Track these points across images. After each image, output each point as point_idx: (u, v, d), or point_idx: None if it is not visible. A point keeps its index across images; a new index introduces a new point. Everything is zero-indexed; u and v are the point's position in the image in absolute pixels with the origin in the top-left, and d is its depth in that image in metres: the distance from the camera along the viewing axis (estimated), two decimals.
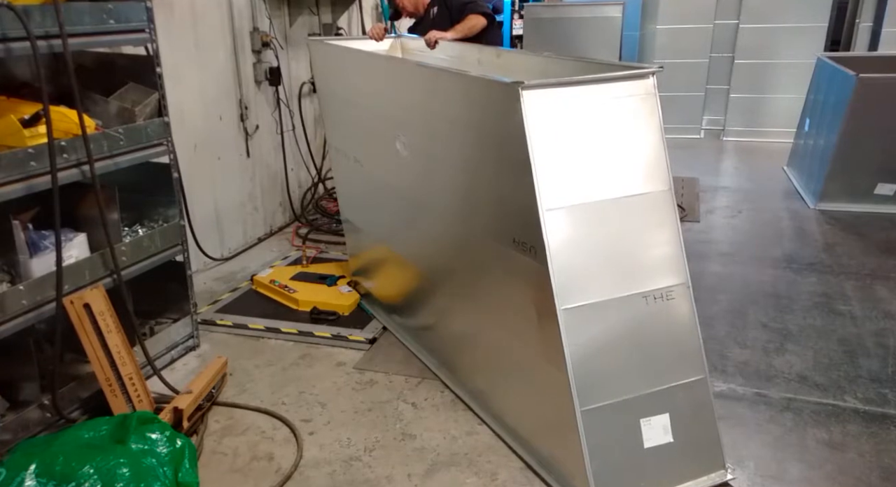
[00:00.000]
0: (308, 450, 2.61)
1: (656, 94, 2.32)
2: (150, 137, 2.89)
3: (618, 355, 2.30)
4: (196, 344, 3.35)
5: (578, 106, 2.26)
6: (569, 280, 2.24)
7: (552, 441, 2.44)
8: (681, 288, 2.36)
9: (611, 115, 2.30)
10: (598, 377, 2.27)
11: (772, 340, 3.39)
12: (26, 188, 2.41)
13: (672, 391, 2.35)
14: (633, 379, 2.32)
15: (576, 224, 2.27)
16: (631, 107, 2.31)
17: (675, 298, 2.35)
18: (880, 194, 5.16)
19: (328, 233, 4.91)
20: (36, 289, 2.48)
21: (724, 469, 2.40)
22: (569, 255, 2.25)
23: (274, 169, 4.93)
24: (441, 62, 3.74)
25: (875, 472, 2.47)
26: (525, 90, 2.15)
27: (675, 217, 2.36)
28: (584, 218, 2.28)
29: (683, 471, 2.38)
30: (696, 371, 2.38)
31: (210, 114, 4.21)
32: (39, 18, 2.37)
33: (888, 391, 2.95)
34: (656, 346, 2.35)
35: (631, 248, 2.33)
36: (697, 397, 2.38)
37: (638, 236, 2.34)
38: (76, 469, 2.07)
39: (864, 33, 7.33)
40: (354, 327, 3.51)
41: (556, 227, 2.23)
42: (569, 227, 2.25)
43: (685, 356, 2.38)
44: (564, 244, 2.24)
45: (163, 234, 3.05)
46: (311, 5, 5.11)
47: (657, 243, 2.35)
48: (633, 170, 2.33)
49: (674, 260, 2.35)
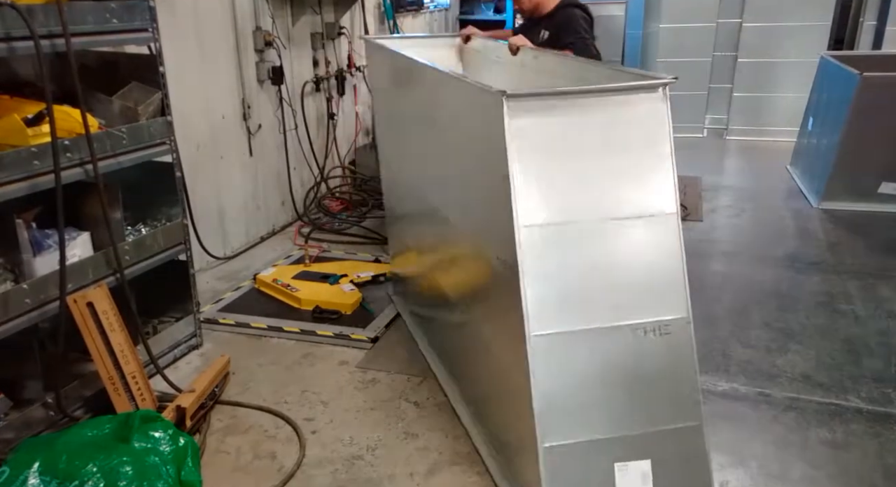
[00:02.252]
0: (310, 449, 2.62)
1: (667, 108, 2.12)
2: (152, 136, 2.90)
3: (596, 390, 2.11)
4: (199, 342, 3.35)
5: (572, 118, 2.11)
6: (544, 304, 2.06)
7: (522, 474, 2.25)
8: (679, 322, 2.12)
9: (610, 130, 2.13)
10: (568, 411, 2.09)
11: (775, 339, 3.38)
12: (30, 187, 2.41)
13: (657, 436, 2.13)
14: (610, 418, 2.11)
15: (558, 244, 2.09)
16: (635, 122, 2.14)
17: (672, 334, 2.12)
18: (884, 193, 5.15)
19: (331, 232, 4.91)
20: (39, 288, 2.49)
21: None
22: (547, 277, 2.07)
23: (276, 168, 4.94)
24: (492, 63, 3.58)
25: (878, 472, 2.47)
26: (509, 99, 2.03)
27: (680, 243, 2.14)
28: (568, 238, 2.11)
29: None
30: (690, 416, 2.14)
31: (213, 113, 4.21)
32: (42, 18, 2.37)
33: (892, 390, 2.94)
34: (644, 385, 2.13)
35: (623, 275, 2.13)
36: (689, 446, 2.14)
37: (633, 262, 2.14)
38: (79, 468, 2.07)
39: (868, 32, 7.31)
40: (357, 326, 3.51)
41: (532, 245, 2.06)
42: (549, 247, 2.08)
43: (678, 398, 2.15)
44: (542, 264, 2.06)
45: (165, 233, 3.05)
46: (313, 5, 5.11)
47: (655, 271, 2.13)
48: (634, 189, 2.14)
49: (673, 291, 2.13)
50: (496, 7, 8.43)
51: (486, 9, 8.49)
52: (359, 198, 5.50)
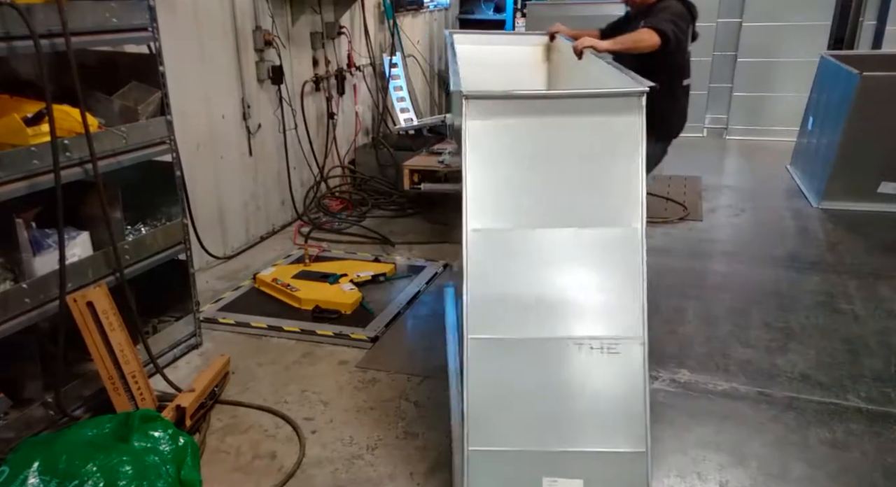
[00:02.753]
0: (310, 449, 2.62)
1: (641, 117, 2.04)
2: (152, 136, 2.90)
3: (530, 401, 2.05)
4: (198, 342, 3.35)
5: (537, 122, 2.06)
6: (486, 308, 2.03)
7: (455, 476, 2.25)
8: (630, 342, 2.03)
9: (577, 137, 2.08)
10: (500, 418, 2.05)
11: (774, 339, 3.38)
12: (29, 187, 2.41)
13: (593, 457, 2.05)
14: (543, 431, 2.05)
15: (506, 250, 2.06)
16: (605, 130, 2.07)
17: (620, 353, 2.04)
18: (884, 193, 5.15)
19: (330, 231, 4.91)
20: (39, 288, 2.49)
21: None
22: (491, 282, 2.05)
23: (276, 167, 4.94)
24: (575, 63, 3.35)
25: (878, 471, 2.47)
26: (468, 100, 2.02)
27: (640, 260, 2.05)
28: (517, 245, 2.06)
29: None
30: (633, 442, 2.04)
31: (212, 112, 4.21)
32: (42, 17, 2.37)
33: (891, 390, 2.94)
34: (584, 402, 2.05)
35: (572, 287, 2.07)
36: (628, 473, 2.04)
37: (586, 275, 2.07)
38: (79, 467, 2.07)
39: (868, 31, 7.31)
40: (357, 325, 3.51)
41: (479, 250, 2.03)
42: (496, 252, 2.04)
43: (621, 422, 2.05)
44: (488, 269, 2.05)
45: (165, 233, 3.05)
46: (313, 4, 5.11)
47: (610, 286, 2.05)
48: (597, 200, 2.07)
49: (628, 309, 2.04)
50: (496, 6, 8.43)
51: (487, 8, 8.49)
52: (358, 198, 5.51)
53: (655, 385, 3.00)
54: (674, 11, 3.37)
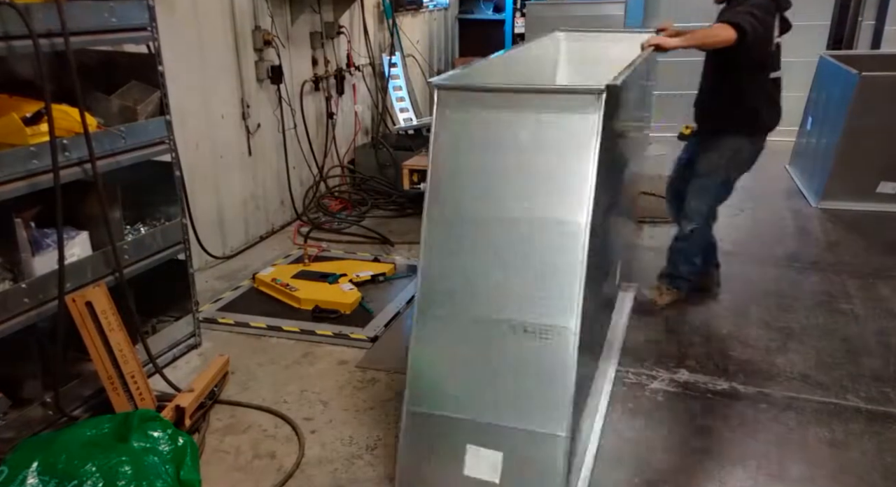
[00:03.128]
0: (310, 449, 2.62)
1: (598, 115, 2.11)
2: (151, 136, 2.89)
3: (467, 373, 2.21)
4: (198, 342, 3.35)
5: (502, 115, 2.17)
6: (435, 287, 2.21)
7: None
8: (561, 331, 2.11)
9: (535, 131, 2.16)
10: (437, 386, 2.23)
11: (774, 339, 3.39)
12: (28, 186, 2.41)
13: (514, 433, 2.15)
14: (474, 402, 2.19)
15: (457, 237, 2.20)
16: (561, 126, 2.15)
17: (552, 339, 2.12)
18: (883, 193, 5.15)
19: (330, 231, 4.91)
20: (38, 288, 2.48)
21: None
22: (441, 265, 2.21)
23: (276, 167, 4.93)
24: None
25: (877, 471, 2.47)
26: (440, 90, 2.19)
27: (581, 253, 2.12)
28: (469, 229, 2.19)
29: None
30: (553, 425, 2.11)
31: (212, 112, 4.21)
32: (41, 16, 2.36)
33: (890, 389, 2.95)
34: (512, 380, 2.16)
35: (513, 273, 2.17)
36: (545, 455, 2.10)
37: (526, 263, 2.16)
38: (78, 467, 2.07)
39: (867, 31, 7.30)
40: (356, 325, 3.51)
41: (434, 236, 2.19)
42: (448, 239, 2.20)
43: (544, 405, 2.13)
44: (440, 254, 2.22)
45: (164, 233, 3.05)
46: (312, 4, 5.10)
47: (549, 275, 2.13)
48: (544, 193, 2.15)
49: (565, 297, 2.11)
50: (495, 6, 8.43)
51: (486, 8, 8.49)
52: (358, 198, 5.50)
53: (655, 384, 3.00)
54: (755, 3, 3.22)
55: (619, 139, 2.67)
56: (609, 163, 2.40)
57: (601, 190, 2.22)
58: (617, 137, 2.57)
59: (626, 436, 2.68)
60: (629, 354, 3.23)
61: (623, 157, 3.08)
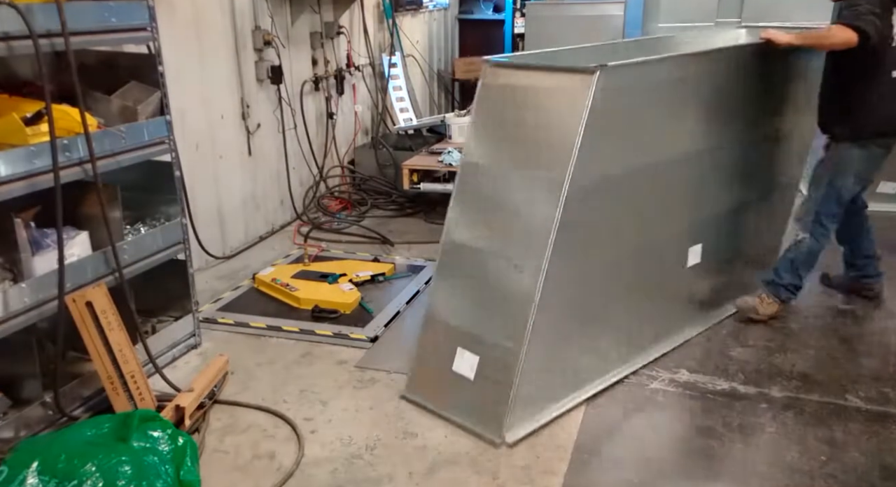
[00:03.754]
0: (309, 448, 2.62)
1: (590, 90, 2.45)
2: (151, 136, 2.90)
3: (470, 292, 2.75)
4: (198, 342, 3.35)
5: (523, 87, 2.65)
6: (459, 221, 2.79)
7: None
8: (530, 266, 2.55)
9: (545, 100, 2.60)
10: (448, 301, 2.83)
11: (773, 339, 3.39)
12: (28, 186, 2.41)
13: (487, 342, 2.67)
14: (467, 314, 2.75)
15: (479, 180, 2.74)
16: (563, 98, 2.55)
17: (524, 273, 2.57)
18: (883, 193, 5.15)
19: (329, 231, 4.91)
20: (38, 287, 2.48)
21: (498, 438, 2.61)
22: (468, 201, 2.77)
23: (275, 167, 4.93)
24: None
25: (876, 471, 2.47)
26: (489, 66, 2.73)
27: (557, 205, 2.50)
28: (487, 176, 2.71)
29: (464, 410, 2.73)
30: (513, 340, 2.59)
31: (212, 112, 4.21)
32: (42, 17, 2.36)
33: (890, 390, 2.95)
34: (496, 302, 2.66)
35: (512, 215, 2.64)
36: (504, 362, 2.61)
37: (522, 207, 2.62)
38: (78, 467, 2.07)
39: None
40: (356, 325, 3.52)
41: (464, 178, 2.78)
42: (473, 181, 2.75)
43: (509, 323, 2.61)
44: (467, 193, 2.78)
45: (164, 233, 3.05)
46: (312, 4, 5.11)
47: (535, 221, 2.57)
48: (545, 151, 2.58)
49: (538, 240, 2.53)
50: (495, 6, 8.43)
51: (486, 8, 8.48)
52: (358, 198, 5.51)
53: (655, 384, 3.00)
54: (861, 4, 3.05)
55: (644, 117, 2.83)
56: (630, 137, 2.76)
57: (606, 158, 2.64)
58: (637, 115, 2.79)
59: (625, 436, 2.68)
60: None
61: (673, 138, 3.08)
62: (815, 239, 3.39)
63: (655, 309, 3.24)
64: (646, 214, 2.99)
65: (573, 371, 2.90)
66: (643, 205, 2.95)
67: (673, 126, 3.00)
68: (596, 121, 2.48)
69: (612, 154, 2.69)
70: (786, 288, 3.47)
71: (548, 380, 2.77)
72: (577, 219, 2.56)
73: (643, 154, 2.87)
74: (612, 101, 2.53)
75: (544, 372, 2.72)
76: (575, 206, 2.53)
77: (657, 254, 3.15)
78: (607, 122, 2.55)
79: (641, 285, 3.11)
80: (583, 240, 2.67)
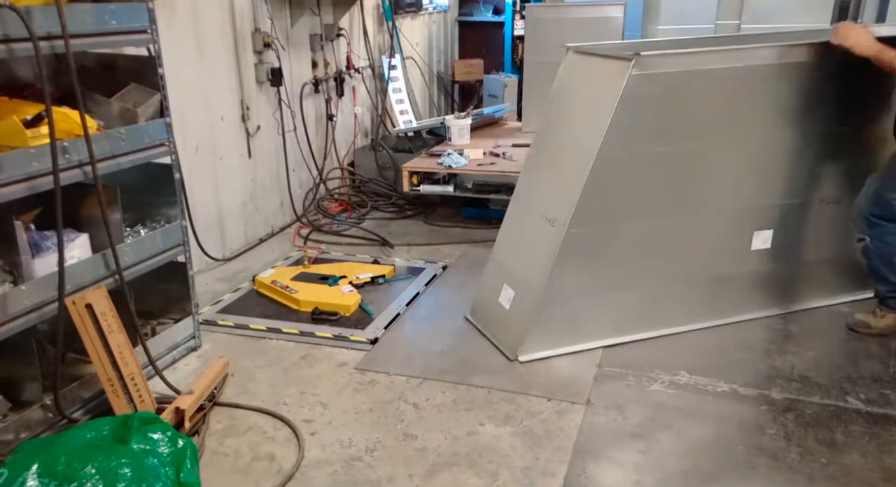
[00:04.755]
0: (309, 450, 2.62)
1: (624, 78, 2.84)
2: (151, 138, 2.90)
3: (519, 238, 3.37)
4: (197, 344, 3.35)
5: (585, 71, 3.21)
6: (523, 179, 3.44)
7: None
8: (559, 223, 3.06)
9: (591, 81, 3.13)
10: (507, 248, 3.46)
11: (773, 341, 3.39)
12: (28, 188, 2.41)
13: (522, 280, 3.27)
14: (514, 257, 3.39)
15: (538, 153, 3.40)
16: (604, 82, 3.00)
17: (555, 227, 3.10)
18: None
19: (329, 233, 4.91)
20: (38, 290, 2.48)
21: (514, 356, 3.21)
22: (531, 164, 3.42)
23: (275, 169, 4.94)
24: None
25: (877, 473, 2.47)
26: (569, 52, 3.29)
27: (585, 172, 2.95)
28: (544, 150, 3.36)
29: (498, 333, 3.37)
30: (539, 279, 3.12)
31: (211, 114, 4.21)
32: (41, 19, 2.37)
33: (890, 392, 2.95)
34: (532, 248, 3.22)
35: (554, 177, 3.23)
36: (529, 299, 3.19)
37: (560, 175, 3.17)
38: (78, 470, 2.07)
39: None
40: (356, 327, 3.52)
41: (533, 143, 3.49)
42: (536, 155, 3.41)
43: (538, 267, 3.15)
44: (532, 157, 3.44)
45: (164, 235, 3.05)
46: (312, 6, 5.11)
47: (567, 184, 3.05)
48: (580, 126, 3.11)
49: (568, 201, 3.01)
50: (495, 8, 8.44)
51: (486, 10, 8.49)
52: (357, 200, 5.51)
53: (655, 386, 3.00)
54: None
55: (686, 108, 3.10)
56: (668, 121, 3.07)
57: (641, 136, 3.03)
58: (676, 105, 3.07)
59: (625, 437, 2.68)
60: None
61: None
62: (872, 245, 3.28)
63: (703, 281, 3.44)
64: (692, 192, 3.25)
65: (590, 320, 3.29)
66: (687, 183, 3.22)
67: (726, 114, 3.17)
68: (630, 103, 2.88)
69: (647, 134, 3.04)
70: (890, 297, 3.36)
71: (564, 322, 3.22)
72: (605, 187, 3.00)
73: (687, 138, 3.14)
74: (648, 87, 2.91)
75: (561, 314, 3.20)
76: (603, 176, 2.96)
77: (711, 231, 3.36)
78: (643, 105, 2.93)
79: (685, 255, 3.35)
80: (611, 206, 3.08)
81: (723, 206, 3.33)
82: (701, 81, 3.04)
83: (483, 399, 2.92)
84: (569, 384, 3.02)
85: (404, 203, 5.43)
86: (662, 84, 2.94)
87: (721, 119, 3.16)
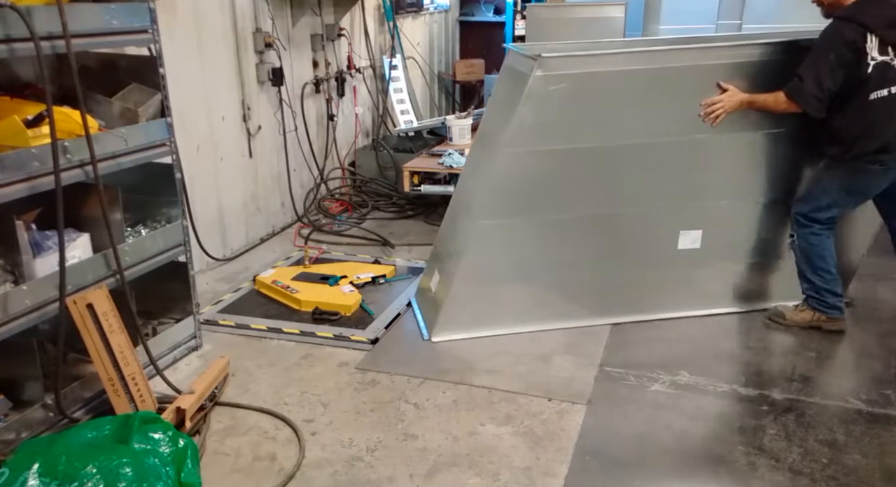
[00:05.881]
0: (310, 450, 2.62)
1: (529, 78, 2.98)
2: (152, 138, 2.90)
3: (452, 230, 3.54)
4: (198, 344, 3.35)
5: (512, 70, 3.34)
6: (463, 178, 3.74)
7: None
8: (473, 215, 3.26)
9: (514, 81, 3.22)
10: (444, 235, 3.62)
11: (774, 341, 3.38)
12: (29, 188, 2.41)
13: (444, 267, 3.46)
14: (445, 246, 3.55)
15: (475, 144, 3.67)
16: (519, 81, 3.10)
17: (470, 219, 3.28)
18: None
19: (330, 233, 4.91)
20: (39, 289, 2.49)
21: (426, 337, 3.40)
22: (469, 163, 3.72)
23: (276, 169, 4.94)
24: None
25: (877, 473, 2.47)
26: (508, 51, 3.46)
27: (496, 167, 3.15)
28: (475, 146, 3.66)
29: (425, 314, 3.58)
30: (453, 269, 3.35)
31: (213, 114, 4.22)
32: (43, 19, 2.37)
33: (891, 392, 2.95)
34: (456, 237, 3.42)
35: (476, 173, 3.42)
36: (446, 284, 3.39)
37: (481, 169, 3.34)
38: (79, 469, 2.07)
39: None
40: (356, 327, 3.52)
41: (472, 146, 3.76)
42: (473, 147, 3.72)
43: (455, 255, 3.35)
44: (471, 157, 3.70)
45: (165, 235, 3.05)
46: (313, 6, 5.11)
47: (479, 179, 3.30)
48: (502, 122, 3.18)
49: (481, 195, 3.25)
50: (496, 9, 8.44)
51: (486, 10, 8.49)
52: (358, 200, 5.51)
53: (655, 386, 3.00)
54: (822, 52, 3.00)
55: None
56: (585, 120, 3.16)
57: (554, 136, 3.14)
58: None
59: (627, 438, 2.68)
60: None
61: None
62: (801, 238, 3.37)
63: (625, 277, 3.49)
64: (614, 190, 3.32)
65: (506, 308, 3.41)
66: (602, 180, 3.28)
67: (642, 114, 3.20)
68: (536, 102, 3.02)
69: (555, 132, 3.14)
70: (813, 297, 3.40)
71: (478, 307, 3.37)
72: (514, 182, 3.17)
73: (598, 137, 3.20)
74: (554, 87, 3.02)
75: (475, 299, 3.35)
76: (511, 171, 3.14)
77: (630, 229, 3.41)
78: (549, 105, 3.05)
79: (601, 250, 3.41)
80: (521, 200, 3.22)
81: (641, 205, 3.37)
82: (610, 83, 3.10)
83: (484, 399, 2.92)
84: (570, 384, 3.02)
85: (405, 203, 5.43)
86: (568, 84, 3.04)
87: (634, 119, 3.19)
